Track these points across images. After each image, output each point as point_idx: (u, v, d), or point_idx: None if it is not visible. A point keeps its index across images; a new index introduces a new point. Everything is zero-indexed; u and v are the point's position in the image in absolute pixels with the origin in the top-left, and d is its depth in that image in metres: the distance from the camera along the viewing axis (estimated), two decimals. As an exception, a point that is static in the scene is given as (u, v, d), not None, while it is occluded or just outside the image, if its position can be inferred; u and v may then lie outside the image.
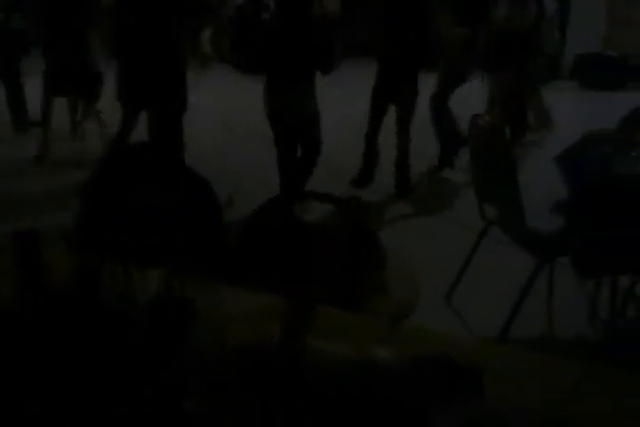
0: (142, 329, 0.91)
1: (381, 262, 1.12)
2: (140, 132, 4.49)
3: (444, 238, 4.08)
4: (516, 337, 2.70)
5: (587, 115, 7.33)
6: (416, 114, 4.86)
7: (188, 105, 4.43)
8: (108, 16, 4.65)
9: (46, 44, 5.26)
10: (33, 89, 5.67)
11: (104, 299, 0.92)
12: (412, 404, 0.97)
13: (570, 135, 3.18)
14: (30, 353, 0.85)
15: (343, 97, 7.10)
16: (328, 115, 4.59)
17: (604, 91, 10.16)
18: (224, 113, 7.48)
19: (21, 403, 0.85)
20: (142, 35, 4.18)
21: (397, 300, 1.11)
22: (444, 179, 5.52)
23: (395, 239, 1.56)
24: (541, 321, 3.04)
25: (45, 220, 3.24)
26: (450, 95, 5.35)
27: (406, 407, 0.96)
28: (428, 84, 5.18)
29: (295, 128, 4.22)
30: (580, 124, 5.52)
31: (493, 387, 1.01)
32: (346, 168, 5.18)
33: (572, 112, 7.97)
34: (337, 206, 1.58)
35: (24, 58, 6.09)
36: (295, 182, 4.39)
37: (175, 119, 4.35)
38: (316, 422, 0.94)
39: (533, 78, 6.28)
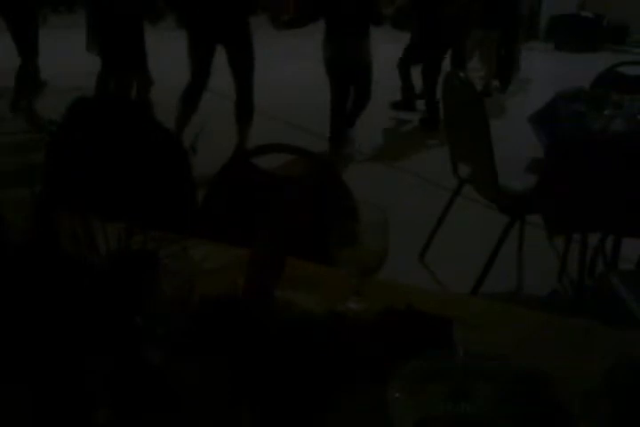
0: (103, 278, 0.88)
1: (352, 213, 1.09)
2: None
3: (417, 197, 4.08)
4: (486, 294, 2.73)
5: (562, 75, 7.33)
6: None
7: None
8: None
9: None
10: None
11: (63, 249, 0.88)
12: (379, 354, 0.96)
13: (544, 96, 3.17)
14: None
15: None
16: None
17: (579, 52, 10.13)
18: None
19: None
20: None
21: (368, 251, 1.08)
22: (416, 136, 5.52)
23: (366, 197, 1.54)
24: (512, 279, 3.08)
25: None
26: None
27: (374, 357, 0.95)
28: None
29: (351, 74, 4.67)
30: (555, 84, 5.51)
31: (463, 338, 1.01)
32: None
33: (547, 73, 7.97)
34: (308, 158, 1.55)
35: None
36: (345, 122, 4.79)
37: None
38: (282, 373, 0.93)
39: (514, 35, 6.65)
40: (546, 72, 8.25)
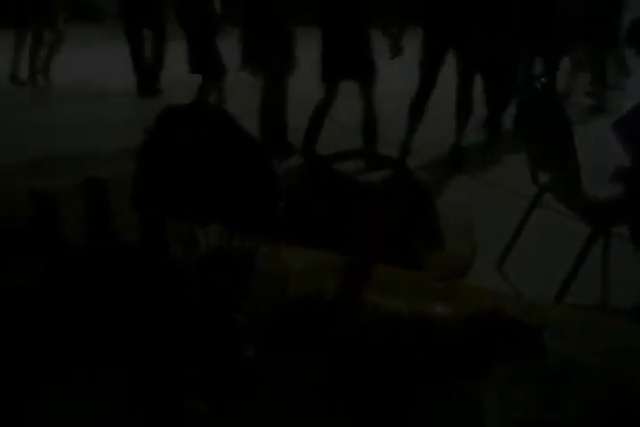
0: (203, 279, 0.93)
1: (436, 218, 1.11)
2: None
3: (495, 205, 4.02)
4: (569, 304, 2.66)
5: (646, 82, 7.05)
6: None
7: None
8: None
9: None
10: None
11: (168, 251, 0.94)
12: (467, 357, 0.97)
13: (629, 102, 3.06)
14: (98, 296, 0.88)
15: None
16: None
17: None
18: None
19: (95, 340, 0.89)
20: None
21: (454, 255, 1.09)
22: (494, 144, 5.43)
23: (442, 203, 1.56)
24: (595, 291, 2.98)
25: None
26: None
27: (463, 362, 0.96)
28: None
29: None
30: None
31: (552, 345, 1.00)
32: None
33: (631, 78, 7.67)
34: (390, 166, 1.57)
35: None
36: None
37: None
38: (371, 374, 0.95)
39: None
40: (630, 77, 7.96)
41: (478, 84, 5.06)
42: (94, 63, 8.01)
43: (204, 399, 0.92)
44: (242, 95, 5.35)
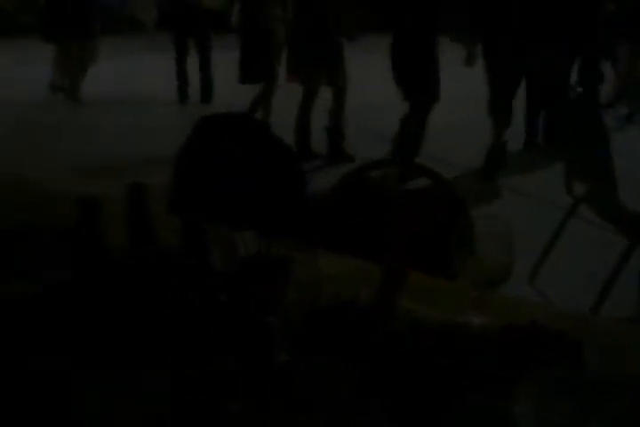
0: (240, 284, 0.94)
1: (471, 227, 1.10)
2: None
3: (529, 216, 3.97)
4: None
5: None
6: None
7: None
8: None
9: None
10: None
11: (208, 256, 0.96)
12: (502, 368, 0.96)
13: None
14: (140, 299, 0.90)
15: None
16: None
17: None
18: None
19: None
20: None
21: (490, 265, 1.09)
22: (527, 154, 5.37)
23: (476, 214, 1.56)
24: (631, 304, 2.92)
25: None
26: None
27: (498, 369, 0.95)
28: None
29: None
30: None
31: (590, 357, 0.99)
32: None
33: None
34: (426, 176, 1.57)
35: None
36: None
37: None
38: (404, 383, 0.95)
39: None
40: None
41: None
42: (135, 72, 8.18)
43: (239, 401, 0.94)
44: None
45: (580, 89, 5.52)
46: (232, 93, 5.80)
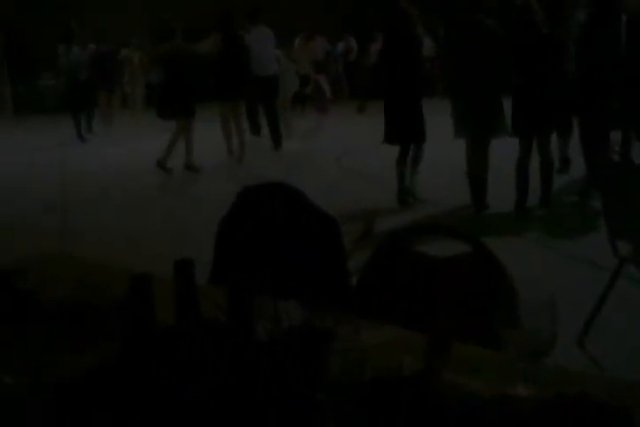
0: (286, 357, 0.95)
1: (515, 295, 1.10)
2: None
3: (573, 276, 3.89)
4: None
5: None
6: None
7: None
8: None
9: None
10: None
11: (254, 329, 0.97)
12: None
13: None
14: (187, 375, 0.92)
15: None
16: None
17: None
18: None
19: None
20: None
21: (535, 334, 1.08)
22: (570, 212, 5.33)
23: (518, 278, 1.55)
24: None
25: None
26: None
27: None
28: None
29: None
30: None
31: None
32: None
33: None
34: (466, 242, 1.57)
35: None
36: None
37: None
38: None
39: None
40: None
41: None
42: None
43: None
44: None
45: (618, 149, 5.51)
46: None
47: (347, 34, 14.76)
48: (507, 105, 5.00)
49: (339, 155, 8.02)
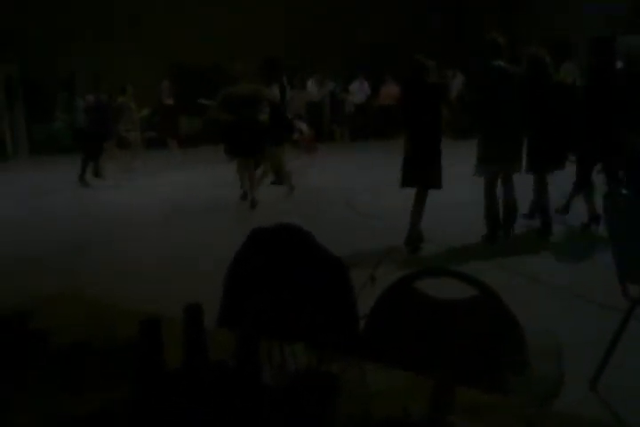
0: (292, 402, 0.96)
1: (522, 341, 1.11)
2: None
3: (584, 319, 3.86)
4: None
5: None
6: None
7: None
8: None
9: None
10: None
11: (260, 373, 0.98)
12: None
13: None
14: (195, 418, 0.92)
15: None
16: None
17: None
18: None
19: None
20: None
21: (542, 380, 1.08)
22: (580, 253, 5.31)
23: (527, 321, 1.55)
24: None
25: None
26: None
27: None
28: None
29: None
30: None
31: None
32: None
33: None
34: (474, 286, 1.58)
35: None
36: None
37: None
38: None
39: None
40: None
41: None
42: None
43: None
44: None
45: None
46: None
47: (361, 75, 14.93)
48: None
49: (343, 195, 8.12)
